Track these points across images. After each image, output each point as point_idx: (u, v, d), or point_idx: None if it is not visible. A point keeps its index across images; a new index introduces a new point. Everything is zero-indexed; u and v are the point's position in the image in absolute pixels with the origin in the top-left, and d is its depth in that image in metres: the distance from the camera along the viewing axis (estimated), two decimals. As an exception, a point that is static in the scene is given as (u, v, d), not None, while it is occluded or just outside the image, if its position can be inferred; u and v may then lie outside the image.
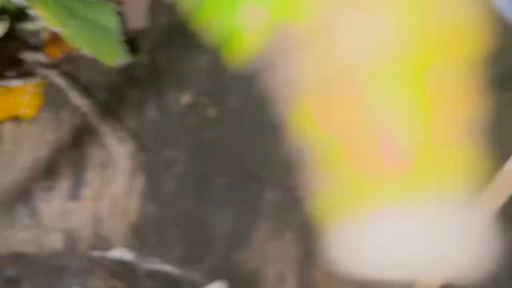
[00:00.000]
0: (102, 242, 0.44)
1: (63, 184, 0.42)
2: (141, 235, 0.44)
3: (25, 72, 0.45)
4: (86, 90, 0.44)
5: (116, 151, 0.43)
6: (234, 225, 0.42)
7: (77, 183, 0.42)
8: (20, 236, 0.43)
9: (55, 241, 0.44)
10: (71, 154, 0.43)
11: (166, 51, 0.44)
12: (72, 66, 0.45)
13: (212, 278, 0.45)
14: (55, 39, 0.45)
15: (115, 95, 0.45)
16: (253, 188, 0.41)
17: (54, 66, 0.45)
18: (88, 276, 0.46)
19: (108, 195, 0.42)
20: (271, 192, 0.41)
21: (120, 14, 0.43)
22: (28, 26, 0.45)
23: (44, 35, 0.45)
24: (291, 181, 0.41)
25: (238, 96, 0.42)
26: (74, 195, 0.42)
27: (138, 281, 0.49)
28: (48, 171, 0.42)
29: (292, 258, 0.41)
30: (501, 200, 0.30)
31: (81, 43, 0.37)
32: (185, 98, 0.42)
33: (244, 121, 0.42)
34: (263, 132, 0.42)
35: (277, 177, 0.41)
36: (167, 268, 0.47)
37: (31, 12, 0.37)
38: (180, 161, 0.43)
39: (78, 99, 0.44)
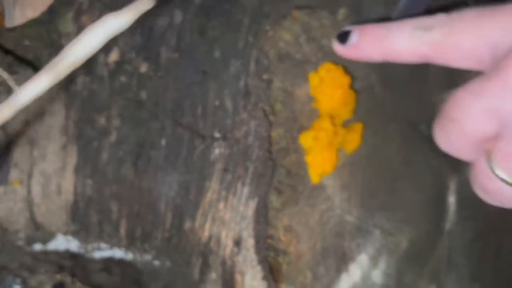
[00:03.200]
0: (40, 231, 0.40)
1: (-14, 169, 0.38)
2: (81, 217, 0.39)
3: None
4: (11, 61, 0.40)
5: (44, 126, 0.39)
6: (182, 191, 0.37)
7: (3, 165, 0.38)
8: None
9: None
10: (-8, 134, 0.38)
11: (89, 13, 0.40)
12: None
13: (166, 255, 0.40)
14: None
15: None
16: (197, 146, 0.37)
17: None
18: (31, 274, 0.41)
19: (39, 174, 0.38)
20: (217, 147, 0.37)
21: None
22: None
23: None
24: (239, 131, 0.37)
25: (170, 46, 0.38)
26: (0, 180, 0.38)
27: (92, 275, 0.44)
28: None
29: (247, 217, 0.36)
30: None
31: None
32: (113, 56, 0.38)
33: (180, 74, 0.37)
34: (204, 83, 0.37)
35: (222, 130, 0.37)
36: (118, 254, 0.42)
37: None
38: (114, 128, 0.38)
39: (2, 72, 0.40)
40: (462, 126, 0.29)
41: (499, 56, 0.27)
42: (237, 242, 0.37)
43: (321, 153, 0.38)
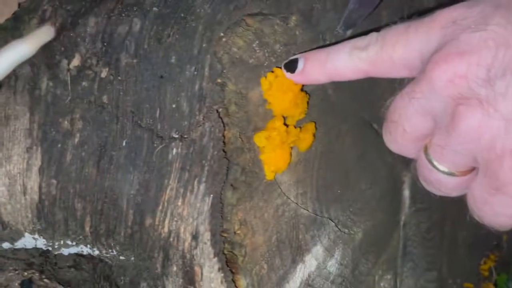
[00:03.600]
0: (8, 230, 0.41)
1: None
2: (47, 216, 0.41)
3: None
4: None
5: (10, 129, 0.40)
6: (142, 189, 0.40)
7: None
8: None
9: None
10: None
11: (53, 20, 0.42)
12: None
13: (130, 250, 0.42)
14: None
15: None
16: (156, 146, 0.39)
17: None
18: (0, 271, 0.43)
19: (4, 176, 0.39)
20: (175, 147, 0.39)
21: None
22: None
23: None
24: (195, 132, 0.39)
25: (130, 52, 0.40)
26: (-33, 181, 0.39)
27: (61, 271, 0.46)
28: None
29: (203, 212, 0.38)
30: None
31: None
32: (75, 62, 0.40)
33: (139, 78, 0.40)
34: (161, 86, 0.39)
35: (179, 131, 0.39)
36: (85, 250, 0.44)
37: None
38: (77, 130, 0.40)
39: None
40: (402, 127, 0.32)
41: (425, 62, 0.30)
42: (195, 237, 0.39)
43: (274, 151, 0.41)
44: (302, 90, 0.42)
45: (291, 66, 0.37)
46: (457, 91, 0.27)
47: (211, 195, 0.38)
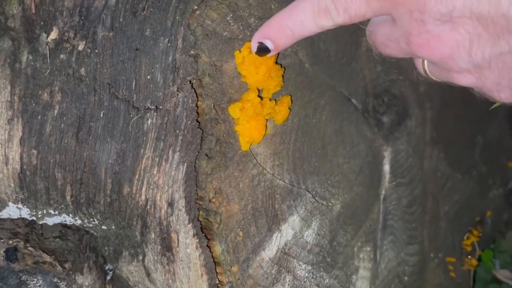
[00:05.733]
0: (-8, 198, 0.43)
1: None
2: (28, 185, 0.42)
3: None
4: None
5: (-9, 102, 0.41)
6: (119, 158, 0.41)
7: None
8: None
9: None
10: None
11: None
12: None
13: (110, 218, 0.44)
14: None
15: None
16: (132, 117, 0.40)
17: None
18: (-15, 239, 0.44)
19: (-14, 147, 0.41)
20: (150, 118, 0.40)
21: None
22: None
23: None
24: (169, 102, 0.40)
25: (106, 26, 0.41)
26: (-49, 152, 0.41)
27: (46, 241, 0.47)
28: None
29: (178, 180, 0.40)
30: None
31: None
32: (52, 35, 0.41)
33: (115, 51, 0.41)
34: (136, 58, 0.40)
35: (153, 102, 0.40)
36: (67, 219, 0.46)
37: None
38: (56, 102, 0.41)
39: None
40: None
41: None
42: (170, 204, 0.40)
43: (249, 122, 0.42)
44: (276, 63, 0.43)
45: (262, 51, 0.38)
46: None
47: (185, 164, 0.40)
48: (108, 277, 0.51)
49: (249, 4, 0.43)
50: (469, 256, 0.77)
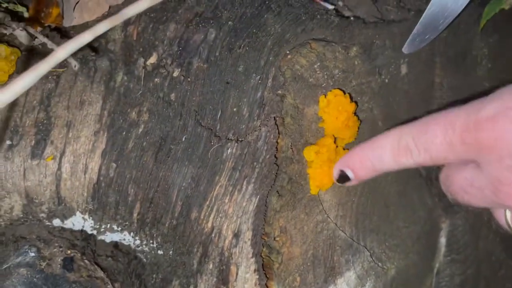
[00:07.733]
0: (62, 206, 0.44)
1: (25, 143, 0.43)
2: (100, 197, 0.43)
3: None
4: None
5: (82, 113, 0.44)
6: (193, 182, 0.42)
7: (41, 142, 0.43)
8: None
9: (14, 205, 0.43)
10: (36, 114, 0.43)
11: (136, 24, 0.47)
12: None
13: (171, 242, 0.44)
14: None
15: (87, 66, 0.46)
16: (212, 145, 0.42)
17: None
18: (46, 246, 0.45)
19: (70, 153, 0.43)
20: (230, 147, 0.41)
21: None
22: None
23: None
24: (251, 135, 0.41)
25: (202, 58, 0.43)
26: (36, 154, 0.43)
27: (99, 258, 0.48)
28: (11, 130, 0.43)
29: (248, 212, 0.40)
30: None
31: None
32: (152, 60, 0.44)
33: (206, 82, 0.43)
34: (226, 91, 0.43)
35: (236, 133, 0.42)
36: (127, 238, 0.46)
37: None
38: (142, 122, 0.43)
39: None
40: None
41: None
42: (236, 235, 0.40)
43: (321, 167, 0.42)
44: (355, 114, 0.44)
45: (342, 180, 0.38)
46: None
47: (258, 196, 0.40)
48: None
49: (336, 56, 0.45)
50: None
